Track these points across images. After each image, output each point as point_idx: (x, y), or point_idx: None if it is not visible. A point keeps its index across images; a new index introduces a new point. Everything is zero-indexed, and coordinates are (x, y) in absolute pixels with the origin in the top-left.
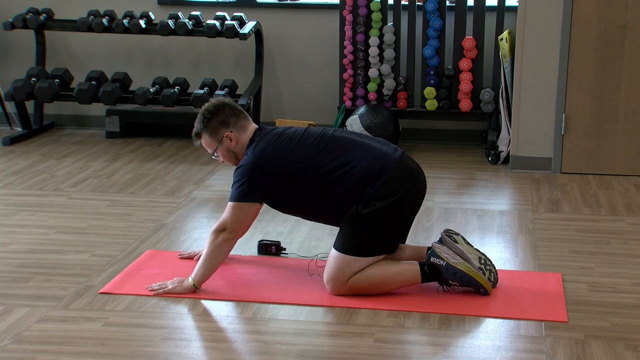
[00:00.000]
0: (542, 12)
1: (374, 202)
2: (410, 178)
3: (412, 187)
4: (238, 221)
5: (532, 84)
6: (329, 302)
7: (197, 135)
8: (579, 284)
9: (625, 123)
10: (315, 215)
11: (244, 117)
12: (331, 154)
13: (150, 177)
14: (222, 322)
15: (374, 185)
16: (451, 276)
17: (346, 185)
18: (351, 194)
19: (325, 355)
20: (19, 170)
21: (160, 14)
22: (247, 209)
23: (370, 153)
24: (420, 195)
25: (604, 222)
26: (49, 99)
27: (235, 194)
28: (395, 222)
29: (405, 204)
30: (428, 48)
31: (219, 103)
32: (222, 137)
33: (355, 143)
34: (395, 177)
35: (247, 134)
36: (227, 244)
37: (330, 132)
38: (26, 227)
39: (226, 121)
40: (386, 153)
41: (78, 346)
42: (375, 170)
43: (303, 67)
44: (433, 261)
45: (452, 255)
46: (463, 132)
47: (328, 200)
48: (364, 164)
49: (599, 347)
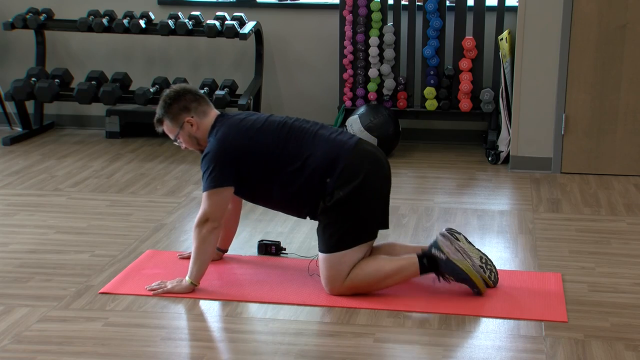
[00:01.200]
0: (542, 12)
1: (337, 191)
2: (369, 161)
3: (372, 169)
4: (218, 208)
5: (532, 84)
6: (329, 302)
7: (159, 121)
8: (579, 284)
9: (625, 123)
10: (285, 207)
11: (205, 103)
12: (290, 143)
13: (150, 177)
14: (222, 322)
15: (332, 174)
16: (449, 271)
17: (305, 175)
18: (312, 185)
19: (325, 355)
20: (19, 170)
21: (160, 14)
22: (223, 195)
23: (325, 143)
24: (383, 176)
25: (604, 222)
26: (49, 99)
27: (208, 182)
28: (364, 206)
29: (367, 186)
30: (428, 48)
31: (180, 89)
32: (183, 122)
33: (312, 134)
34: (352, 163)
35: (209, 120)
36: (213, 234)
37: (292, 122)
38: (26, 227)
39: (187, 106)
40: (341, 141)
41: (78, 346)
42: (331, 159)
43: (303, 67)
44: (434, 253)
45: (453, 251)
46: (463, 132)
47: (291, 191)
48: (319, 154)
49: (599, 347)
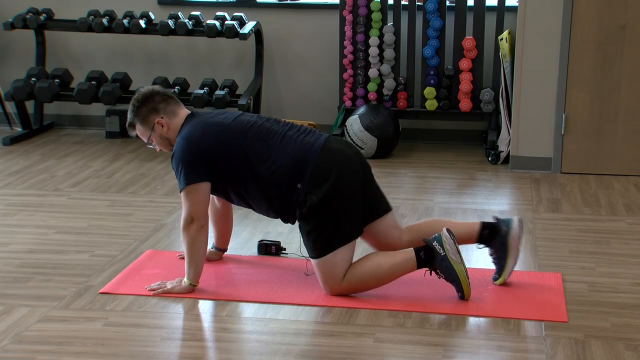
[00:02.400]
0: (542, 12)
1: (309, 196)
2: (338, 160)
3: (343, 168)
4: (199, 206)
5: (532, 84)
6: (329, 302)
7: (131, 125)
8: (579, 284)
9: (625, 123)
10: (262, 210)
11: (175, 103)
12: (257, 144)
13: (150, 177)
14: (222, 322)
15: (302, 179)
16: (442, 268)
17: (274, 180)
18: (283, 191)
19: (325, 355)
20: (19, 170)
21: (160, 14)
22: (200, 191)
23: (292, 146)
24: (355, 172)
25: (604, 222)
26: (49, 99)
27: (182, 180)
28: (341, 207)
29: (341, 188)
30: (428, 48)
31: (148, 91)
32: (153, 124)
33: (280, 135)
34: (321, 165)
35: (179, 120)
36: (201, 233)
37: (261, 122)
38: (26, 227)
39: (155, 107)
40: (308, 143)
41: (78, 346)
42: (299, 163)
43: (303, 67)
44: (434, 246)
45: (454, 252)
46: (463, 132)
47: (263, 195)
48: (287, 158)
49: (599, 347)
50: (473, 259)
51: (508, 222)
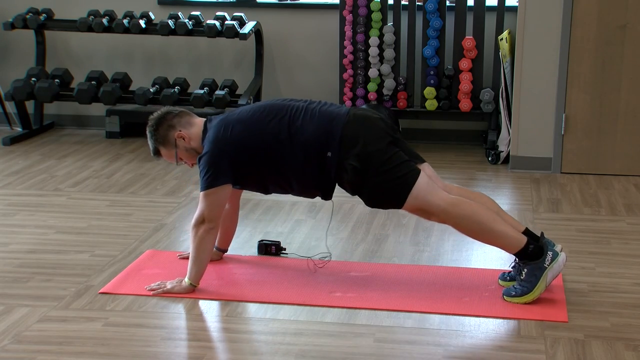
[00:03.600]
0: (542, 12)
1: (347, 162)
2: (365, 123)
3: (371, 129)
4: (214, 208)
5: (532, 84)
6: (329, 302)
7: (155, 152)
8: (579, 284)
9: (625, 123)
10: (297, 190)
11: (187, 114)
12: (281, 124)
13: (150, 177)
14: (222, 322)
15: (332, 146)
16: (531, 273)
17: (303, 153)
18: (314, 163)
19: (325, 355)
20: (19, 170)
21: (160, 14)
22: (220, 194)
23: (317, 118)
24: (382, 129)
25: (604, 222)
26: (49, 99)
27: (204, 181)
28: (383, 160)
29: (373, 144)
30: (428, 48)
31: (158, 114)
32: (174, 140)
33: (302, 110)
34: (349, 130)
35: (197, 128)
36: (210, 234)
37: (279, 102)
38: (26, 227)
39: (171, 124)
40: (332, 112)
41: (78, 346)
42: (326, 133)
43: (303, 67)
44: (546, 253)
45: (553, 274)
46: (463, 132)
47: (295, 172)
48: (313, 130)
49: (599, 347)
50: (473, 258)
51: (554, 252)
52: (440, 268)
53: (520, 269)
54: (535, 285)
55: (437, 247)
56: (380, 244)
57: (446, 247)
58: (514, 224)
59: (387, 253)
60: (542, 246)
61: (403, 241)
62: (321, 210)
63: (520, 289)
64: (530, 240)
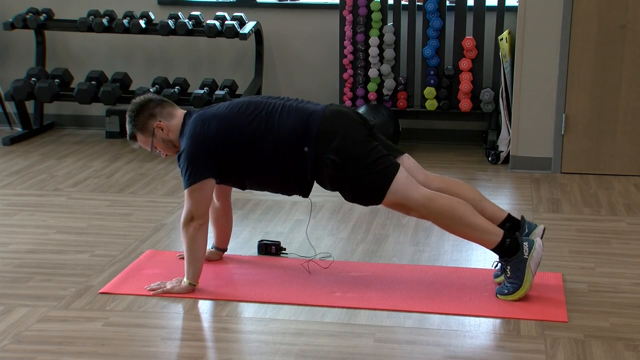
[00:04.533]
0: (542, 12)
1: (326, 157)
2: (341, 118)
3: (348, 123)
4: (201, 204)
5: (532, 84)
6: (329, 302)
7: (132, 136)
8: (579, 284)
9: (625, 123)
10: (274, 186)
11: (169, 105)
12: (257, 120)
13: (150, 177)
14: (222, 322)
15: (308, 141)
16: (514, 268)
17: (279, 149)
18: (291, 158)
19: (325, 355)
20: (19, 170)
21: (160, 14)
22: (204, 189)
23: (293, 114)
24: (359, 124)
25: (604, 222)
26: (49, 99)
27: (187, 178)
28: (363, 153)
29: (351, 138)
30: (428, 48)
31: (141, 100)
32: (152, 129)
33: (279, 107)
34: (325, 125)
35: (177, 120)
36: (201, 231)
37: (256, 99)
38: (26, 227)
39: (152, 113)
40: (309, 109)
41: (78, 346)
42: (303, 128)
43: (303, 67)
44: (523, 245)
45: (536, 263)
46: (463, 132)
47: (269, 166)
48: (290, 126)
49: (599, 347)
50: (473, 258)
51: (529, 241)
52: (440, 268)
53: (504, 267)
54: (523, 278)
55: (437, 247)
56: (380, 244)
57: (446, 247)
58: (495, 210)
59: (387, 253)
60: (516, 238)
61: (403, 241)
62: (321, 210)
63: (511, 286)
64: (506, 233)
